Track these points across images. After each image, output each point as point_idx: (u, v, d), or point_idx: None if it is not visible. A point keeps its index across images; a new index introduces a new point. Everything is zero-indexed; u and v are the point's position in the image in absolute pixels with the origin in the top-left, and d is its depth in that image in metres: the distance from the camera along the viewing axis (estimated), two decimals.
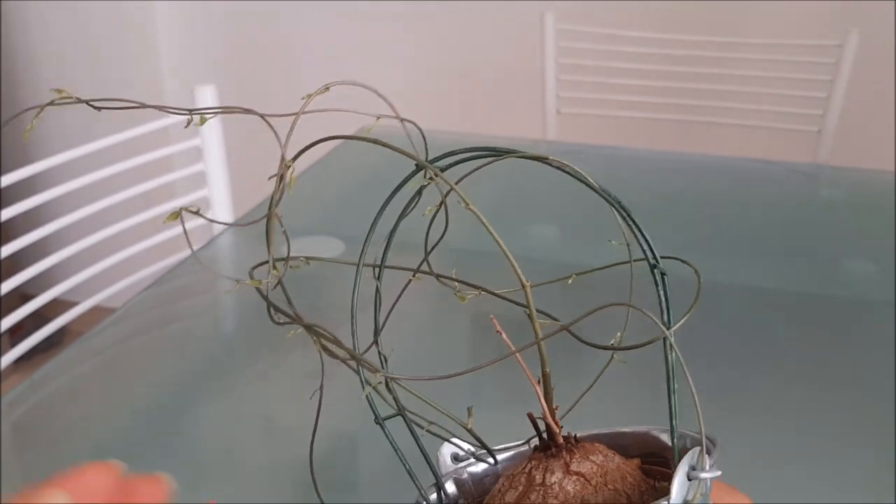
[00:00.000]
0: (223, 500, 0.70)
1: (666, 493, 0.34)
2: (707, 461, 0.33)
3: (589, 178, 0.32)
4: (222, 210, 1.28)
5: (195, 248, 1.17)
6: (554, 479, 0.35)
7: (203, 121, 0.25)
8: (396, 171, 0.33)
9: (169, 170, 1.27)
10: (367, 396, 0.35)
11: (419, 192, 0.32)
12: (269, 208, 0.28)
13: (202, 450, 0.79)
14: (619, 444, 0.39)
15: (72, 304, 1.14)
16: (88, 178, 1.13)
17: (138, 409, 0.86)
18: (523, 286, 0.32)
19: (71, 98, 0.25)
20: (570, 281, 0.39)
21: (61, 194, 1.10)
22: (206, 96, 1.24)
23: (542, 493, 0.35)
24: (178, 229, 1.27)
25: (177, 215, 0.28)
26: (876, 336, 0.95)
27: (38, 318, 1.10)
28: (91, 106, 0.26)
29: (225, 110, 0.25)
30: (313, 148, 0.29)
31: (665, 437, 0.39)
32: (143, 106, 0.25)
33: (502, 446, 0.41)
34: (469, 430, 0.39)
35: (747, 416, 0.79)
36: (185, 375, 0.92)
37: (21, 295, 1.11)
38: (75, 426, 0.83)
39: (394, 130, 0.36)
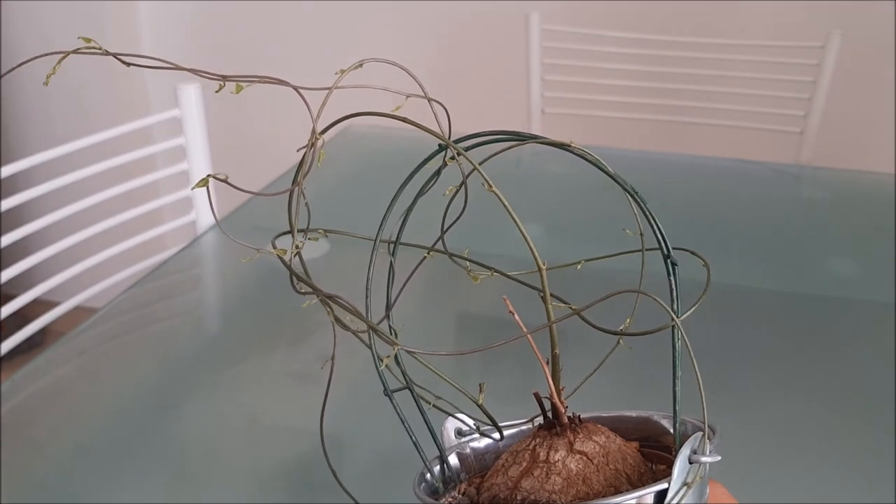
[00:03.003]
0: (206, 501, 0.69)
1: (664, 475, 0.35)
2: (708, 446, 0.34)
3: (608, 167, 0.32)
4: (206, 210, 1.27)
5: (178, 248, 1.16)
6: (557, 456, 0.36)
7: (239, 88, 0.25)
8: (378, 175, 0.33)
9: (152, 169, 1.25)
10: (377, 368, 0.36)
11: (438, 172, 0.33)
12: (294, 180, 0.28)
13: (185, 450, 0.78)
14: (620, 427, 0.40)
15: (53, 305, 1.12)
16: (70, 177, 1.11)
17: (121, 409, 0.85)
18: (539, 269, 0.33)
19: (98, 49, 0.24)
20: (578, 267, 0.40)
21: (42, 193, 1.08)
22: (190, 95, 1.23)
23: (545, 469, 0.36)
24: (160, 229, 1.26)
25: (206, 182, 0.28)
26: (859, 335, 0.96)
27: (19, 319, 1.08)
28: (120, 61, 0.25)
29: (261, 80, 0.25)
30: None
31: (665, 423, 0.41)
32: (177, 68, 0.25)
33: (506, 423, 0.42)
34: (480, 406, 0.40)
35: (732, 414, 0.79)
36: (168, 376, 0.91)
37: (1, 295, 1.10)
38: (57, 427, 0.82)
39: (383, 130, 0.36)
